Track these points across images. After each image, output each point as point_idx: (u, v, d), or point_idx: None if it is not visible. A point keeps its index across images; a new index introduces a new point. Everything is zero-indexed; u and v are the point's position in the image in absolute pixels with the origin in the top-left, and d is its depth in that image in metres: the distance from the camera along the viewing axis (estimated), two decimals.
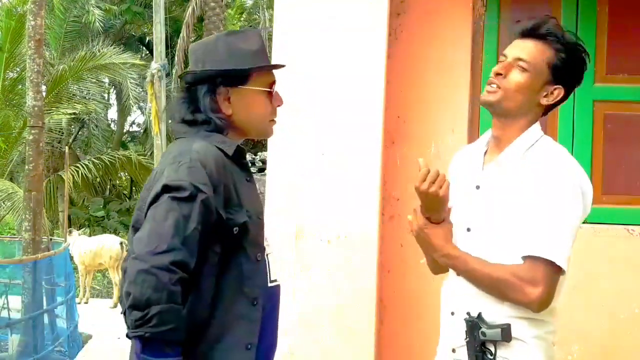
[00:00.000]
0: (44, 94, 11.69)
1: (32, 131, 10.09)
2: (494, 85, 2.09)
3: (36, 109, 10.10)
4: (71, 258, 12.51)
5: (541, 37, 2.10)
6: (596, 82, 3.74)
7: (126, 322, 1.83)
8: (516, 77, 2.08)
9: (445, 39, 3.76)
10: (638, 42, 3.72)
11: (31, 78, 10.17)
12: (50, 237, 13.34)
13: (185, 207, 1.86)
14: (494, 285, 2.03)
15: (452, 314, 2.13)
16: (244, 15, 21.93)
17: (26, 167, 10.36)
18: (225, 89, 2.07)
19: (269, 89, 2.13)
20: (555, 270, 2.04)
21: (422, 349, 3.71)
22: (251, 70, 2.08)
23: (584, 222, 3.67)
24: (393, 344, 3.72)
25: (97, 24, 18.43)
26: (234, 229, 1.96)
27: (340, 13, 3.50)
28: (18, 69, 16.06)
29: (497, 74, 2.08)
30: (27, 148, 10.40)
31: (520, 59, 2.07)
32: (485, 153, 2.21)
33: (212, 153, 1.97)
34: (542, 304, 2.07)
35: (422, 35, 3.78)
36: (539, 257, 2.00)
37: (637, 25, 3.73)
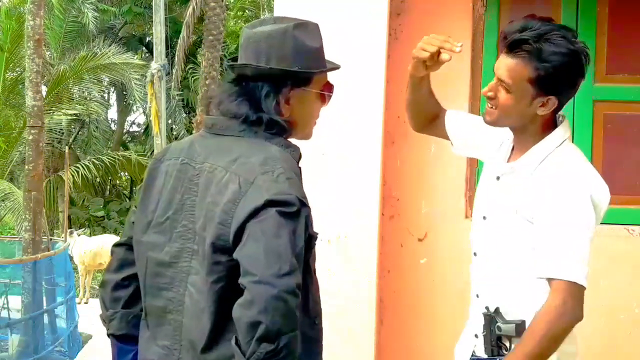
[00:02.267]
0: (44, 94, 11.69)
1: (32, 131, 10.10)
2: (490, 106, 2.14)
3: (36, 109, 10.11)
4: (71, 258, 12.51)
5: (518, 55, 2.05)
6: (596, 82, 3.74)
7: (243, 354, 1.62)
8: (503, 97, 2.09)
9: None
10: (638, 42, 3.72)
11: (31, 78, 10.18)
12: (50, 237, 13.35)
13: (293, 223, 1.71)
14: (550, 342, 2.02)
15: (477, 296, 2.19)
16: (244, 16, 21.94)
17: (26, 167, 10.37)
18: (288, 90, 1.89)
19: (327, 92, 2.00)
20: (578, 288, 2.13)
21: (422, 349, 3.71)
22: (316, 72, 1.94)
23: None
24: (393, 344, 3.72)
25: (92, 25, 18.40)
26: (314, 243, 1.84)
27: (340, 13, 3.50)
28: (18, 69, 16.06)
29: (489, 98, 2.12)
30: (27, 148, 10.42)
31: (502, 81, 2.08)
32: (513, 148, 2.21)
33: (292, 161, 1.85)
34: (575, 317, 2.12)
35: (422, 35, 3.76)
36: (559, 279, 2.06)
37: (637, 25, 3.73)
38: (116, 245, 2.04)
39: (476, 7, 3.80)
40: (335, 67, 2.02)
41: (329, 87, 2.01)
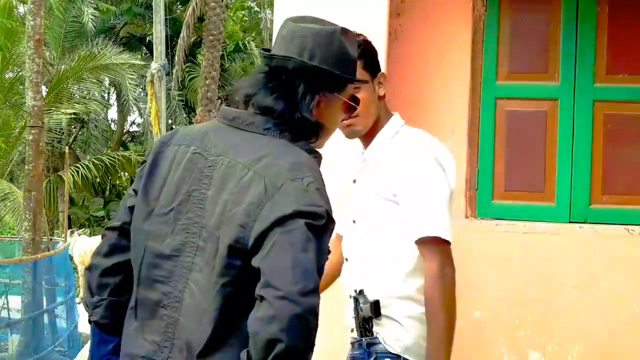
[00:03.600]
0: (44, 94, 11.69)
1: (32, 131, 10.11)
2: (352, 117, 2.29)
3: (36, 109, 10.11)
4: (70, 258, 12.51)
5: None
6: (596, 82, 3.74)
7: None
8: (361, 96, 2.26)
9: (445, 39, 3.76)
10: (638, 42, 3.72)
11: (31, 78, 10.19)
12: (50, 237, 13.35)
13: (320, 237, 1.63)
14: (450, 308, 2.16)
15: (350, 297, 2.32)
16: (245, 16, 21.94)
17: (26, 167, 10.37)
18: (324, 92, 1.81)
19: (355, 103, 2.02)
20: (445, 244, 2.18)
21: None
22: (352, 80, 1.87)
23: (584, 222, 3.71)
24: None
25: (90, 24, 18.40)
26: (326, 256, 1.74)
27: (340, 13, 3.50)
28: (17, 69, 16.06)
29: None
30: (27, 148, 10.42)
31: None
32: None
33: (318, 168, 1.75)
34: (452, 273, 2.18)
35: (422, 35, 3.78)
36: (426, 237, 2.16)
37: (637, 25, 3.73)
38: (108, 228, 1.91)
39: (476, 7, 3.80)
40: (364, 82, 2.07)
41: (356, 99, 2.03)
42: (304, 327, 1.54)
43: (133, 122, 26.69)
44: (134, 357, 1.75)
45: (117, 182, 23.69)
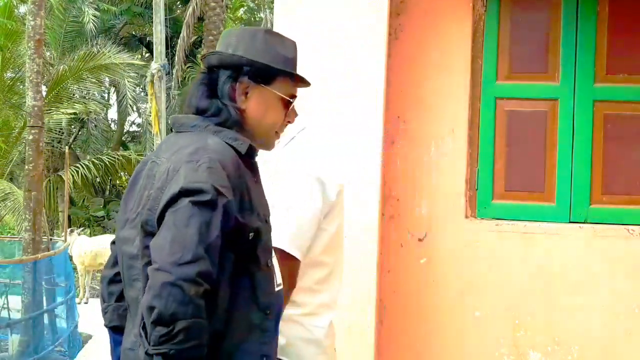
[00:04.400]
0: (44, 94, 11.69)
1: (32, 131, 10.09)
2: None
3: (36, 109, 10.10)
4: (70, 258, 12.50)
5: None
6: (596, 82, 3.74)
7: (146, 339, 1.68)
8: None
9: (445, 39, 3.76)
10: (638, 42, 3.72)
11: (31, 78, 10.17)
12: (50, 237, 13.34)
13: (206, 213, 1.72)
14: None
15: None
16: (244, 16, 21.93)
17: (26, 167, 10.36)
18: (247, 81, 1.96)
19: (289, 99, 2.04)
20: (288, 256, 2.20)
21: (422, 348, 3.71)
22: (279, 72, 1.99)
23: (584, 222, 3.71)
24: (393, 344, 3.72)
25: (91, 24, 18.40)
26: (250, 234, 1.85)
27: (341, 13, 3.50)
28: (17, 69, 16.05)
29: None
30: (27, 148, 10.40)
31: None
32: None
33: (228, 152, 1.86)
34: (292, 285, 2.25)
35: (422, 35, 3.78)
36: (275, 247, 2.18)
37: (637, 25, 3.73)
38: (112, 242, 2.09)
39: (476, 7, 3.80)
40: (305, 83, 2.08)
41: (292, 96, 2.05)
42: (178, 294, 1.64)
43: (133, 122, 26.69)
44: (124, 351, 1.93)
45: (117, 182, 23.66)
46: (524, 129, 3.79)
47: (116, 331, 2.08)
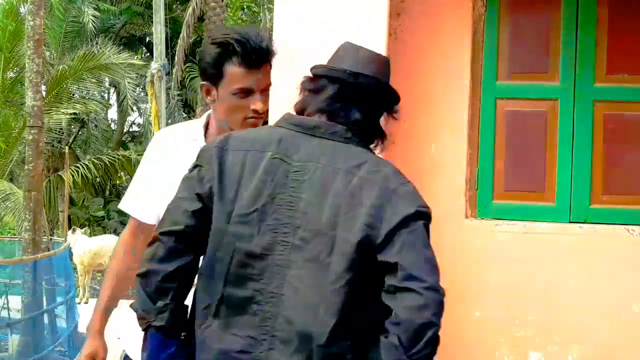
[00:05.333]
0: (43, 94, 11.69)
1: (32, 131, 10.10)
2: (258, 117, 2.38)
3: (36, 109, 10.11)
4: (70, 257, 12.51)
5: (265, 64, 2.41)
6: (596, 82, 3.74)
7: (406, 350, 1.79)
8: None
9: (445, 39, 3.76)
10: (638, 42, 3.72)
11: (31, 78, 10.18)
12: (50, 237, 13.34)
13: (428, 235, 1.93)
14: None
15: None
16: (244, 16, 21.93)
17: (26, 167, 10.37)
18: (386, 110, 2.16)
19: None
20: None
21: None
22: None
23: (584, 222, 3.71)
24: None
25: (91, 25, 18.40)
26: None
27: (340, 13, 3.50)
28: (17, 69, 16.05)
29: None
30: (27, 148, 10.42)
31: (267, 87, 2.44)
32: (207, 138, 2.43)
33: None
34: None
35: (422, 36, 3.78)
36: None
37: (637, 25, 3.73)
38: (164, 233, 1.95)
39: (476, 7, 3.80)
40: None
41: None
42: (443, 312, 1.83)
43: (133, 122, 26.70)
44: (226, 353, 1.86)
45: (117, 182, 23.68)
46: (524, 129, 3.79)
47: (169, 333, 1.94)
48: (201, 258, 1.96)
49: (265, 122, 2.43)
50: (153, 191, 2.39)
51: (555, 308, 3.63)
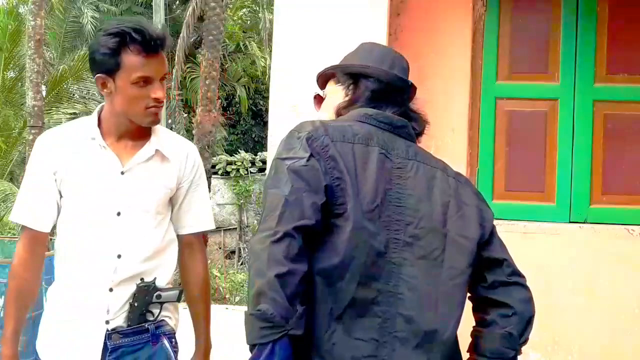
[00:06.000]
0: (44, 94, 11.70)
1: (32, 131, 10.10)
2: (159, 107, 2.28)
3: (36, 108, 10.11)
4: None
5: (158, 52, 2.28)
6: (596, 82, 3.74)
7: (516, 341, 1.95)
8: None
9: (445, 39, 3.76)
10: (638, 42, 3.72)
11: (31, 78, 10.18)
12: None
13: None
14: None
15: (111, 290, 2.26)
16: (244, 16, 21.95)
17: (26, 167, 10.36)
18: None
19: None
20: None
21: None
22: None
23: (584, 222, 3.71)
24: None
25: (90, 26, 18.40)
26: None
27: (340, 13, 3.50)
28: (17, 69, 16.06)
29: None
30: (27, 148, 10.41)
31: (165, 76, 2.31)
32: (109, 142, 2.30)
33: None
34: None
35: (422, 35, 3.78)
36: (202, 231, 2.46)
37: (637, 25, 3.73)
38: (297, 228, 1.70)
39: (476, 7, 3.80)
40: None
41: None
42: None
43: None
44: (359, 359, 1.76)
45: None
46: (524, 129, 3.79)
47: (294, 340, 1.68)
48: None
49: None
50: (48, 197, 2.28)
51: (555, 308, 3.63)
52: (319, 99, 2.16)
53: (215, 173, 15.07)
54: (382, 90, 2.05)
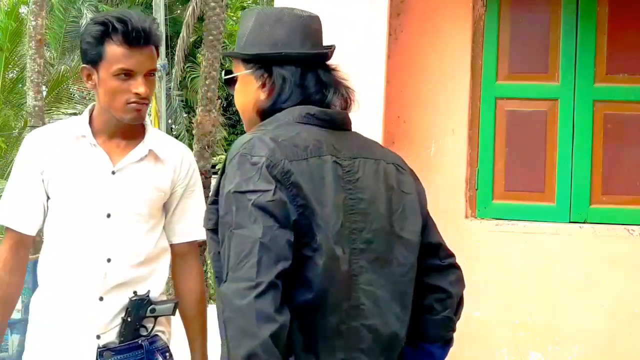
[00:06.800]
0: (44, 94, 11.69)
1: None
2: (143, 104, 2.17)
3: (37, 109, 10.11)
4: None
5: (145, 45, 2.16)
6: (596, 82, 3.74)
7: (454, 322, 1.90)
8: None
9: (445, 39, 3.76)
10: (638, 42, 3.72)
11: (32, 78, 10.18)
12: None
13: None
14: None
15: (101, 299, 2.13)
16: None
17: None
18: None
19: None
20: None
21: None
22: None
23: (584, 222, 3.71)
24: None
25: None
26: None
27: (340, 13, 3.50)
28: (17, 69, 16.07)
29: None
30: None
31: (152, 71, 2.18)
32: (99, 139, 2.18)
33: None
34: None
35: (422, 35, 3.78)
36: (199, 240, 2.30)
37: (637, 25, 3.73)
38: (279, 275, 1.57)
39: (476, 7, 3.80)
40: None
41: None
42: None
43: None
44: None
45: None
46: (524, 129, 3.79)
47: None
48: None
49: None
50: (34, 198, 2.16)
51: (555, 308, 3.63)
52: (231, 83, 1.89)
53: (215, 173, 15.10)
54: (304, 76, 1.79)
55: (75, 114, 18.49)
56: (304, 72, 1.80)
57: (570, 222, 3.72)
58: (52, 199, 2.17)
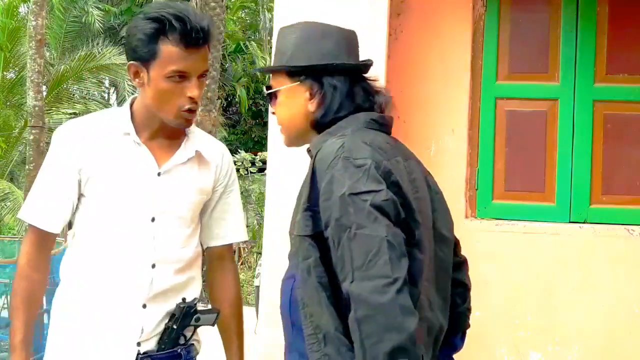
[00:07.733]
0: (44, 94, 11.70)
1: (33, 131, 10.11)
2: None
3: (37, 108, 10.12)
4: None
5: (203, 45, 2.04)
6: (596, 82, 3.74)
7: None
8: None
9: (445, 39, 3.76)
10: (638, 42, 3.72)
11: (32, 78, 10.19)
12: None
13: None
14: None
15: (144, 306, 2.04)
16: (244, 15, 21.95)
17: (26, 167, 10.38)
18: None
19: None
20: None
21: None
22: None
23: (584, 222, 3.71)
24: None
25: (97, 24, 18.42)
26: None
27: (340, 13, 3.50)
28: (17, 69, 16.07)
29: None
30: (27, 148, 10.42)
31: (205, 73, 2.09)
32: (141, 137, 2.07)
33: None
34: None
35: (422, 35, 3.78)
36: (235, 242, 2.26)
37: (637, 25, 3.73)
38: (406, 270, 1.65)
39: (476, 7, 3.80)
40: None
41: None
42: None
43: None
44: None
45: None
46: (524, 129, 3.79)
47: None
48: None
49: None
50: (65, 197, 2.03)
51: (556, 308, 3.63)
52: (272, 98, 1.93)
53: None
54: (353, 86, 1.86)
55: (75, 114, 18.47)
56: (352, 82, 1.86)
57: (570, 222, 3.72)
58: (89, 197, 2.04)
